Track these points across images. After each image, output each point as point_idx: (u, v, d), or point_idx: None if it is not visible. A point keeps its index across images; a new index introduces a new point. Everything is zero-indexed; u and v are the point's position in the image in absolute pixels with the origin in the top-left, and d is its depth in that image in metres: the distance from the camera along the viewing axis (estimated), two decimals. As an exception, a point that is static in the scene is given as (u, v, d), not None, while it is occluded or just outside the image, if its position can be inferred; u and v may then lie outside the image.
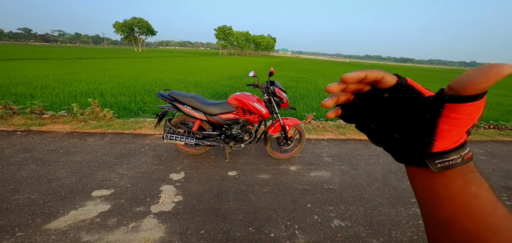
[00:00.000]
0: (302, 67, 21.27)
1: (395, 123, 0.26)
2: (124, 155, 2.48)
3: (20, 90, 5.06)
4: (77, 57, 18.56)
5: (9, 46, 44.99)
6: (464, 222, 0.23)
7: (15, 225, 1.45)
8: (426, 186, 0.25)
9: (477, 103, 0.21)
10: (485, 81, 0.19)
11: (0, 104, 3.43)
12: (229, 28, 59.12)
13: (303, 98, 6.19)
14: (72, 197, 1.76)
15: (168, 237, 1.47)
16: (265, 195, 1.97)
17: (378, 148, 3.19)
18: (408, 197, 2.10)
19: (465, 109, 0.21)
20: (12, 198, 1.69)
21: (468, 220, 0.22)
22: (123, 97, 5.03)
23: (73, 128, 3.13)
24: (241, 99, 2.26)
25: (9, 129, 2.94)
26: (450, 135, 0.23)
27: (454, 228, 0.23)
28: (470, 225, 0.22)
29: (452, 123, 0.22)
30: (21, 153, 2.37)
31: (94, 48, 56.05)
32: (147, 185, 1.99)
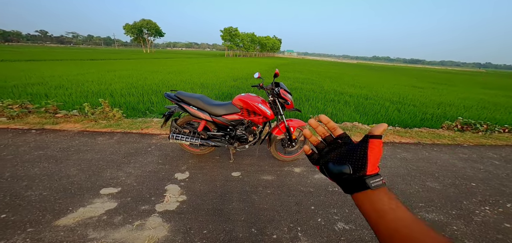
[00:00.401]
0: (308, 69, 21.10)
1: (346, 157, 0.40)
2: (131, 154, 2.55)
3: (35, 90, 5.31)
4: (89, 58, 19.25)
5: (26, 47, 47.26)
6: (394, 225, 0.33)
7: (26, 221, 1.52)
8: (369, 205, 0.36)
9: (380, 141, 0.38)
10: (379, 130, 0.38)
11: (17, 103, 3.62)
12: (235, 30, 59.52)
13: (309, 100, 6.14)
14: (81, 194, 1.83)
15: (171, 236, 1.49)
16: (268, 197, 1.97)
17: (385, 151, 3.12)
18: (416, 201, 2.04)
19: (376, 143, 0.38)
20: (25, 194, 1.78)
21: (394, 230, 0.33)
22: (132, 97, 5.18)
23: (84, 127, 3.25)
24: (246, 100, 2.28)
25: (24, 127, 3.10)
26: (372, 162, 0.37)
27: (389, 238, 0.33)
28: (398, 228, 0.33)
29: (372, 153, 0.37)
30: (35, 150, 2.49)
31: (105, 50, 57.96)
32: (152, 184, 2.03)
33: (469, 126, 4.42)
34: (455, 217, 1.87)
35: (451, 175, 2.56)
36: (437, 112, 5.75)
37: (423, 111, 5.74)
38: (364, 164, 0.37)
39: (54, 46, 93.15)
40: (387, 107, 5.91)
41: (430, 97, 8.13)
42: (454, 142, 3.69)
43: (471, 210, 1.97)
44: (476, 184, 2.41)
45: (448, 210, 1.96)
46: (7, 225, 1.48)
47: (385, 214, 0.34)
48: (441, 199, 2.11)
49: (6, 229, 1.45)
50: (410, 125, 4.57)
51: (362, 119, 4.73)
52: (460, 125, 4.41)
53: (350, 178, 0.38)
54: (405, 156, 3.03)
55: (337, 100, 6.45)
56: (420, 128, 4.33)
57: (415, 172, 2.59)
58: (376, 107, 5.89)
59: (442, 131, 4.23)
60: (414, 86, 12.04)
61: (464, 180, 2.47)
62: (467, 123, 4.46)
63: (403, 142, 3.54)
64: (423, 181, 2.40)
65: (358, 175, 0.37)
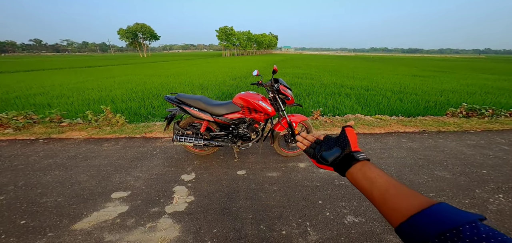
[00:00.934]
0: (306, 63, 20.99)
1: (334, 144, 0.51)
2: (137, 158, 2.57)
3: (38, 100, 5.34)
4: (86, 66, 19.29)
5: (23, 57, 47.38)
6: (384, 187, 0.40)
7: (45, 226, 1.56)
8: (361, 176, 0.43)
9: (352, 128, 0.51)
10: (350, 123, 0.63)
11: (21, 114, 3.65)
12: (231, 29, 59.12)
13: (309, 95, 6.13)
14: (93, 199, 1.86)
15: (183, 236, 1.52)
16: (275, 193, 1.99)
17: (390, 142, 3.12)
18: (426, 191, 2.04)
19: (349, 129, 0.50)
20: (40, 201, 1.81)
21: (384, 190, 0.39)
22: (133, 103, 5.19)
23: (89, 134, 3.28)
24: (246, 98, 2.28)
25: (32, 138, 3.13)
26: (353, 142, 0.48)
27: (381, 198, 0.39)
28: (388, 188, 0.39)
29: (350, 136, 0.49)
30: (44, 159, 2.52)
31: (101, 56, 57.98)
32: (160, 186, 2.05)
33: (474, 112, 4.39)
34: (469, 206, 1.84)
35: (460, 163, 2.53)
36: (441, 100, 5.70)
37: (426, 99, 5.71)
38: (347, 144, 0.48)
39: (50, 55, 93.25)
40: (388, 97, 5.87)
41: (432, 85, 8.06)
42: (460, 128, 3.67)
43: (485, 198, 1.93)
44: (487, 171, 2.37)
45: (460, 199, 1.92)
46: (28, 231, 1.52)
47: (375, 180, 0.41)
48: (452, 188, 2.09)
49: (27, 234, 1.49)
50: (413, 114, 4.55)
51: (364, 110, 4.72)
52: (465, 111, 4.37)
53: (341, 157, 0.47)
54: (411, 145, 3.02)
55: (338, 93, 6.43)
56: (424, 117, 4.31)
57: (422, 161, 2.58)
58: (378, 97, 5.87)
59: (447, 118, 4.21)
60: (415, 75, 11.94)
61: (474, 168, 2.43)
62: (472, 109, 4.43)
63: (408, 132, 3.53)
64: (432, 170, 2.38)
65: (346, 153, 0.47)
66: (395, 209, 0.36)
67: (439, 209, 0.31)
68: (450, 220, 0.28)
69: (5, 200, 1.81)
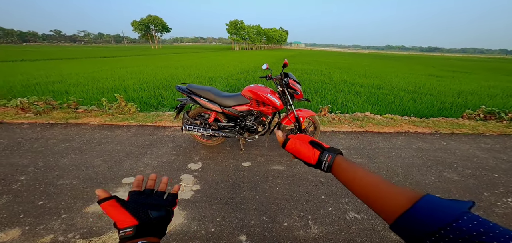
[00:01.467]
0: (316, 60, 20.52)
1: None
2: (147, 145, 2.68)
3: (56, 87, 5.64)
4: (101, 56, 19.97)
5: (43, 47, 49.76)
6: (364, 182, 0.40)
7: (61, 208, 1.67)
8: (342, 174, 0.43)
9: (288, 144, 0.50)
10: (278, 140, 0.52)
11: (41, 99, 3.88)
12: (241, 22, 58.61)
13: (318, 91, 6.02)
14: (105, 183, 1.97)
15: (187, 223, 1.58)
16: (278, 186, 2.01)
17: (399, 141, 3.03)
18: (431, 191, 1.99)
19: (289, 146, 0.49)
20: (57, 183, 1.95)
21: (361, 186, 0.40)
22: (144, 92, 5.35)
23: (103, 121, 3.44)
24: (255, 91, 2.29)
25: (51, 122, 3.33)
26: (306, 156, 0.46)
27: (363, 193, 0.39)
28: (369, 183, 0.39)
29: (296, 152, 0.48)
30: (62, 143, 2.69)
31: (115, 47, 59.66)
32: (168, 174, 2.14)
33: (492, 115, 4.15)
34: (475, 208, 1.81)
35: (471, 166, 2.45)
36: (457, 101, 5.42)
37: (441, 100, 5.44)
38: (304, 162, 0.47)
39: (68, 45, 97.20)
40: (401, 97, 5.66)
41: (449, 86, 7.65)
42: (476, 131, 3.50)
43: (493, 201, 1.89)
44: (498, 175, 2.29)
45: (466, 201, 1.89)
46: (45, 211, 1.64)
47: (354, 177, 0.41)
48: (460, 190, 2.04)
49: (44, 215, 1.61)
50: (426, 115, 4.37)
51: (374, 109, 4.58)
52: (483, 114, 4.14)
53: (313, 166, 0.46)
54: (421, 146, 2.92)
55: (347, 91, 6.27)
56: (438, 118, 4.13)
57: (431, 162, 2.51)
58: (390, 97, 5.67)
59: (462, 120, 4.01)
60: (432, 74, 11.37)
61: (485, 171, 2.36)
62: (490, 112, 4.19)
63: (419, 132, 3.41)
64: (440, 172, 2.32)
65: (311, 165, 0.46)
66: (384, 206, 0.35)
67: (429, 202, 0.31)
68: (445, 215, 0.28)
69: (25, 181, 1.95)
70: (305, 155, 0.46)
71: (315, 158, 0.45)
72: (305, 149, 0.47)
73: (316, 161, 0.45)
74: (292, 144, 0.48)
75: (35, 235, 1.43)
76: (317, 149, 0.46)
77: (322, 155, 0.45)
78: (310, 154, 0.46)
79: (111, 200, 0.40)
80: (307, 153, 0.46)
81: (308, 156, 0.46)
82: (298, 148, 0.47)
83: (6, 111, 3.72)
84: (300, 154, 0.47)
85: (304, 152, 0.47)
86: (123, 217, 0.39)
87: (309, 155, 0.46)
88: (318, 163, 0.45)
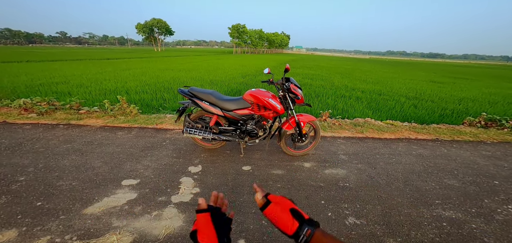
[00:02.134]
0: (317, 64, 20.63)
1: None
2: (148, 148, 2.69)
3: (60, 88, 5.70)
4: (105, 58, 20.20)
5: (49, 48, 50.46)
6: None
7: (59, 209, 1.66)
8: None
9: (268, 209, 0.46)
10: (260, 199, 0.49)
11: (45, 100, 3.93)
12: (243, 26, 59.25)
13: (318, 96, 6.04)
14: (105, 185, 1.97)
15: (186, 226, 1.57)
16: (278, 190, 2.01)
17: (400, 148, 3.03)
18: (432, 198, 1.98)
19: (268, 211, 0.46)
20: (57, 184, 1.95)
21: None
22: (146, 95, 5.40)
23: (105, 122, 3.47)
24: (257, 95, 2.31)
25: (53, 123, 3.36)
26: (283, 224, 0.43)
27: None
28: None
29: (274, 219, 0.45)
30: (63, 144, 2.71)
31: (119, 49, 60.39)
32: (168, 176, 2.14)
33: (493, 122, 4.14)
34: (475, 215, 1.80)
35: (471, 173, 2.44)
36: (458, 108, 5.42)
37: (442, 107, 5.44)
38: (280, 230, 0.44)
39: (73, 47, 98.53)
40: (402, 103, 5.66)
41: (451, 93, 7.65)
42: (477, 138, 3.48)
43: (493, 208, 1.88)
44: (499, 182, 2.28)
45: (467, 208, 1.88)
46: (43, 212, 1.64)
47: None
48: (460, 196, 2.02)
49: (41, 215, 1.61)
50: (427, 121, 4.37)
51: (375, 115, 4.58)
52: (484, 121, 4.13)
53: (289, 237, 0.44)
54: (422, 152, 2.91)
55: (348, 96, 6.28)
56: (439, 124, 4.12)
57: (432, 169, 2.50)
58: (391, 102, 5.67)
59: (463, 127, 4.00)
60: (433, 81, 11.38)
61: (486, 178, 2.34)
62: (491, 119, 4.18)
63: (419, 139, 3.40)
64: (441, 178, 2.31)
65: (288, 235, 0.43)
66: None
67: None
68: None
69: (24, 181, 1.95)
70: (283, 224, 0.43)
71: (293, 229, 0.42)
72: (284, 217, 0.44)
73: (293, 233, 0.42)
74: (272, 211, 0.45)
75: (31, 236, 1.43)
76: (297, 220, 0.43)
77: (300, 229, 0.42)
78: (289, 224, 0.43)
79: (207, 213, 0.42)
80: (285, 223, 0.43)
81: (286, 226, 0.43)
82: (278, 215, 0.44)
83: (9, 111, 3.76)
84: (278, 222, 0.44)
85: (283, 221, 0.44)
86: (209, 236, 0.40)
87: (287, 225, 0.43)
88: (295, 235, 0.42)
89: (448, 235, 1.58)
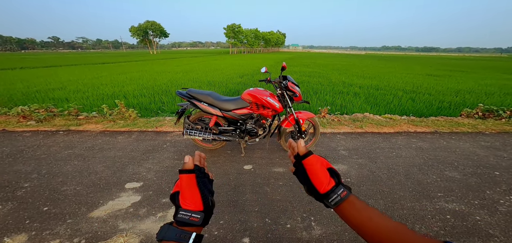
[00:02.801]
0: (314, 62, 20.69)
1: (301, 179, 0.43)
2: (149, 151, 2.69)
3: (57, 94, 5.66)
4: (100, 62, 20.03)
5: (42, 54, 49.91)
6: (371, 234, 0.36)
7: (65, 213, 1.68)
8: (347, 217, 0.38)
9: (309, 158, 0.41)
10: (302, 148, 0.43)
11: (42, 107, 3.90)
12: (238, 26, 59.11)
13: (316, 93, 6.07)
14: (109, 189, 1.98)
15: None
16: (280, 188, 2.02)
17: (399, 141, 3.06)
18: (434, 191, 2.00)
19: (309, 161, 0.41)
20: (61, 189, 1.95)
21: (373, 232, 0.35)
22: (144, 98, 5.38)
23: (105, 127, 3.45)
24: (255, 94, 2.32)
25: (53, 129, 3.34)
26: (319, 180, 0.39)
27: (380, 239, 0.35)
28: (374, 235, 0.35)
29: (312, 171, 0.40)
30: (64, 150, 2.70)
31: (114, 53, 59.90)
32: (170, 178, 2.15)
33: (491, 113, 4.19)
34: (478, 207, 1.81)
35: (472, 164, 2.47)
36: (455, 100, 5.48)
37: (439, 100, 5.50)
38: (312, 185, 0.40)
39: (67, 52, 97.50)
40: (400, 97, 5.71)
41: (447, 85, 7.73)
42: (475, 129, 3.53)
43: (495, 199, 1.89)
44: (500, 172, 2.30)
45: (470, 200, 1.89)
46: (50, 217, 1.65)
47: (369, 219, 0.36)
48: (462, 188, 2.04)
49: (49, 220, 1.62)
50: (425, 114, 4.41)
51: (373, 110, 4.62)
52: (481, 112, 4.19)
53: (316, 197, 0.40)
54: (421, 145, 2.95)
55: (346, 92, 6.32)
56: (437, 117, 4.17)
57: (432, 161, 2.53)
58: (388, 97, 5.71)
59: (461, 119, 4.05)
60: (429, 74, 11.48)
61: (486, 169, 2.37)
62: (489, 110, 4.23)
63: (418, 132, 3.44)
64: (442, 171, 2.33)
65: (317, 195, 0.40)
66: None
67: None
68: None
69: (29, 188, 1.95)
70: (319, 179, 0.39)
71: (328, 187, 0.39)
72: (322, 172, 0.40)
73: (326, 191, 0.39)
74: (313, 161, 0.41)
75: (41, 240, 1.44)
76: (334, 179, 0.40)
77: (337, 187, 0.39)
78: (325, 180, 0.39)
79: (192, 174, 0.37)
80: (321, 178, 0.40)
81: (322, 182, 0.39)
82: (317, 168, 0.40)
83: (8, 119, 3.73)
84: (315, 176, 0.40)
85: (320, 176, 0.40)
86: (193, 198, 0.36)
87: (323, 181, 0.39)
88: (327, 194, 0.39)
89: (453, 227, 1.60)
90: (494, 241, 1.49)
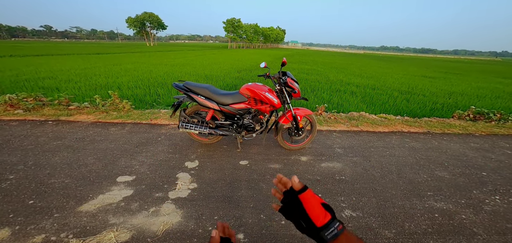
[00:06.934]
0: (313, 59, 20.68)
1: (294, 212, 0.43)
2: (143, 143, 2.63)
3: (47, 83, 5.46)
4: (95, 53, 19.46)
5: (33, 42, 48.10)
6: None
7: (52, 207, 1.62)
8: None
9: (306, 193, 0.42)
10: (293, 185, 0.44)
11: (31, 96, 3.75)
12: (238, 21, 58.26)
13: (314, 91, 6.07)
14: (99, 182, 1.92)
15: (184, 221, 1.56)
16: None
17: (393, 141, 3.10)
18: (424, 190, 2.04)
19: (306, 196, 0.42)
20: (49, 182, 1.89)
21: None
22: (139, 90, 5.26)
23: (97, 118, 3.36)
24: (253, 89, 2.29)
25: (41, 119, 3.23)
26: (316, 214, 0.40)
27: None
28: None
29: (309, 206, 0.41)
30: (53, 141, 2.61)
31: (109, 44, 58.28)
32: (164, 172, 2.11)
33: (482, 115, 4.29)
34: (464, 206, 1.87)
35: (461, 165, 2.53)
36: (448, 102, 5.59)
37: (433, 101, 5.59)
38: (308, 219, 0.41)
39: (59, 41, 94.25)
40: (395, 97, 5.78)
41: (441, 87, 7.87)
42: (466, 131, 3.61)
43: (481, 199, 1.96)
44: (487, 173, 2.38)
45: (457, 199, 1.95)
46: (36, 211, 1.58)
47: None
48: (450, 188, 2.10)
49: (35, 214, 1.55)
50: (419, 115, 4.48)
51: (369, 109, 4.66)
52: (473, 115, 4.28)
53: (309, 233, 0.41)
54: (414, 145, 2.99)
55: (343, 90, 6.35)
56: (430, 118, 4.24)
57: (424, 161, 2.57)
58: (384, 97, 5.77)
59: (453, 120, 4.13)
60: (425, 76, 11.65)
61: (474, 170, 2.44)
62: (480, 112, 4.33)
63: (412, 132, 3.49)
64: (432, 170, 2.38)
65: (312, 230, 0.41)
66: None
67: None
68: None
69: (14, 179, 1.88)
70: (316, 214, 0.41)
71: (324, 221, 0.40)
72: (317, 208, 0.42)
73: (323, 224, 0.40)
74: (309, 197, 0.43)
75: (25, 235, 1.39)
76: (329, 213, 0.42)
77: (332, 221, 0.40)
78: (321, 215, 0.41)
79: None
80: (318, 213, 0.41)
81: (318, 216, 0.41)
82: (313, 204, 0.42)
83: (-6, 107, 3.57)
84: (311, 210, 0.41)
85: (316, 211, 0.41)
86: None
87: (319, 215, 0.41)
88: (325, 227, 0.40)
89: (440, 226, 1.64)
90: (478, 239, 1.54)
